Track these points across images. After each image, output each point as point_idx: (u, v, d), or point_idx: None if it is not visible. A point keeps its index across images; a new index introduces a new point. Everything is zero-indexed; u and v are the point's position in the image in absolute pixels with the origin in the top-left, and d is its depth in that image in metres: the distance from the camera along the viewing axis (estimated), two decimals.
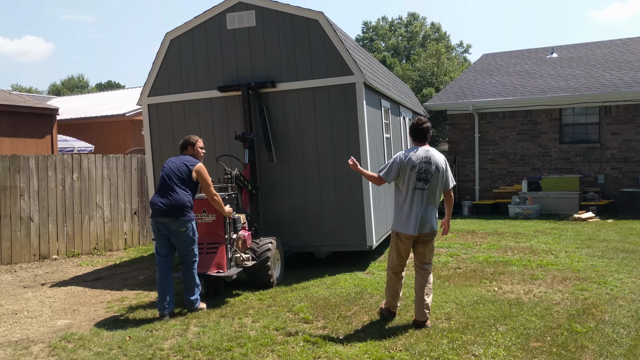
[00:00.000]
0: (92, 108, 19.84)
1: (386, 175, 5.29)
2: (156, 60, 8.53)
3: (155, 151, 8.67)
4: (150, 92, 8.59)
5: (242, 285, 7.01)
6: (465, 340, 4.80)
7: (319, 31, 7.81)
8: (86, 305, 6.69)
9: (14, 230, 9.22)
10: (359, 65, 7.79)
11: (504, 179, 15.54)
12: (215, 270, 6.29)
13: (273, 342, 4.97)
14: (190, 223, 5.89)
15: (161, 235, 5.95)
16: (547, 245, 9.41)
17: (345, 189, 7.83)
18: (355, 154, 7.68)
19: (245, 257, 6.75)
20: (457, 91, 16.76)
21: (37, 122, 14.80)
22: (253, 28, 8.08)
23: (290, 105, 8.04)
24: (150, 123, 8.66)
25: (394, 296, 5.44)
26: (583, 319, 5.32)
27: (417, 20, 48.13)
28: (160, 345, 4.97)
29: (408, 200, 5.19)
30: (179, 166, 6.00)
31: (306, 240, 8.07)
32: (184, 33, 8.38)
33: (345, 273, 7.71)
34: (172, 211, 5.80)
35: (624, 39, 18.19)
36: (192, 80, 8.39)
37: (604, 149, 14.32)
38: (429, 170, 5.18)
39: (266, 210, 8.15)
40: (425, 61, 33.38)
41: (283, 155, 8.09)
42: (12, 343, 5.27)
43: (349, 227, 7.87)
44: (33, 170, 9.49)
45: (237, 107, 8.18)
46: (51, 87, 56.42)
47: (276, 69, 8.02)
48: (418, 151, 5.26)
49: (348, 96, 7.76)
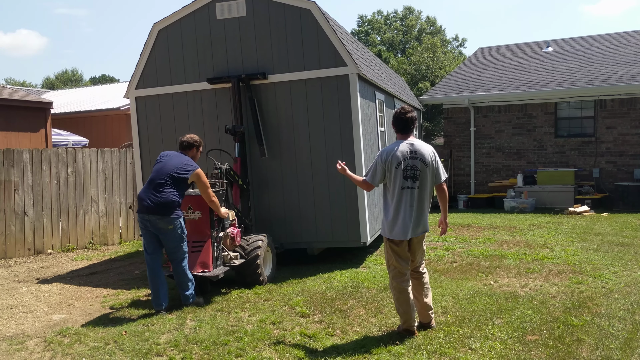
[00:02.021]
0: (87, 102, 19.71)
1: (372, 179, 4.84)
2: (144, 51, 8.31)
3: (143, 145, 8.46)
4: (137, 85, 8.39)
5: (231, 283, 6.82)
6: (462, 334, 4.81)
7: (311, 21, 7.62)
8: (82, 300, 6.67)
9: (9, 225, 9.16)
10: (353, 56, 7.62)
11: (499, 172, 15.57)
12: (200, 269, 6.09)
13: (270, 336, 4.97)
14: (178, 220, 5.76)
15: (148, 232, 5.82)
16: (542, 239, 9.44)
17: (339, 183, 7.65)
18: (349, 148, 7.57)
19: (233, 256, 6.53)
20: (452, 85, 16.75)
21: (31, 116, 14.69)
22: (243, 18, 7.87)
23: (281, 98, 7.86)
24: (138, 116, 8.45)
25: (408, 311, 4.77)
26: (579, 312, 5.34)
27: (413, 14, 47.99)
28: (157, 340, 4.96)
29: (395, 201, 4.74)
30: (178, 167, 5.83)
31: (299, 237, 7.89)
32: (172, 23, 8.17)
33: (342, 267, 7.71)
34: (159, 209, 5.67)
35: (620, 32, 18.21)
36: (180, 72, 8.19)
37: (599, 143, 14.35)
38: (415, 166, 4.70)
39: (258, 205, 8.00)
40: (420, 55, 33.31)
41: (275, 149, 7.93)
42: (7, 338, 5.24)
43: (343, 222, 7.71)
44: (27, 165, 9.43)
45: (227, 100, 8.01)
46: (45, 81, 56.06)
47: (267, 60, 7.83)
48: (401, 146, 4.74)
49: (341, 88, 7.59)
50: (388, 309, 5.61)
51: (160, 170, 5.82)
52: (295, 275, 7.27)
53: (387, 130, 10.09)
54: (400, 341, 4.68)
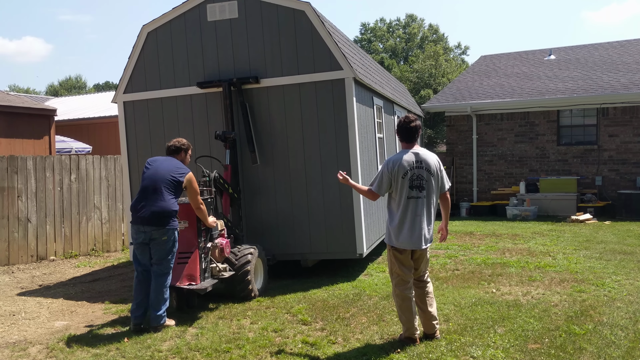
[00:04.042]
0: (90, 109, 19.81)
1: (378, 188, 4.81)
2: (132, 54, 8.04)
3: (131, 152, 8.18)
4: (126, 89, 8.12)
5: (220, 297, 6.48)
6: (464, 342, 4.81)
7: (305, 23, 7.35)
8: (84, 307, 6.68)
9: (12, 231, 9.19)
10: (349, 59, 7.34)
11: (501, 180, 15.57)
12: (187, 282, 5.74)
13: (271, 343, 4.97)
14: (173, 232, 5.48)
15: (141, 244, 5.50)
16: (544, 247, 9.42)
17: (334, 192, 7.35)
18: (345, 155, 7.31)
19: (222, 268, 6.19)
20: (455, 93, 16.78)
21: (35, 123, 14.78)
22: (235, 20, 7.60)
23: (274, 103, 7.57)
24: (126, 122, 8.16)
25: (410, 319, 4.77)
26: (581, 321, 5.33)
27: (415, 22, 48.17)
28: (159, 347, 4.96)
29: (401, 210, 4.71)
30: (171, 171, 5.55)
31: (292, 248, 7.55)
32: (162, 25, 7.90)
33: (344, 274, 7.70)
34: (158, 219, 5.39)
35: (622, 41, 18.24)
36: (170, 76, 7.92)
37: (601, 151, 14.34)
38: (421, 176, 4.71)
39: (249, 215, 7.70)
40: (423, 63, 33.42)
41: (267, 156, 7.63)
42: (9, 344, 5.25)
43: (338, 233, 7.38)
44: (31, 171, 9.47)
45: (218, 105, 7.72)
46: (49, 87, 56.32)
47: (260, 64, 7.56)
48: (407, 155, 4.75)
49: (337, 92, 7.30)
50: (390, 317, 5.60)
51: (153, 177, 5.51)
52: (296, 282, 7.27)
53: (385, 138, 9.83)
54: (401, 349, 4.68)
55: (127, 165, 8.22)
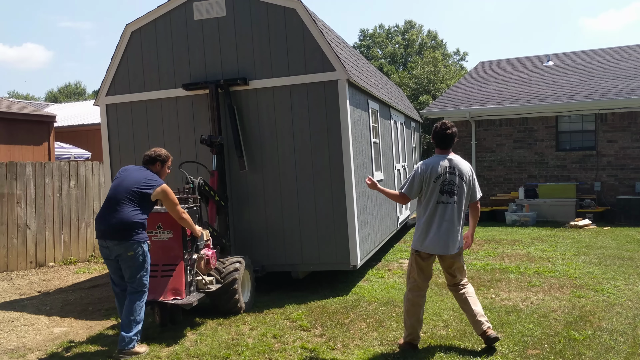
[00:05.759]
0: (89, 115, 19.82)
1: (409, 191, 4.77)
2: (115, 55, 7.66)
3: (114, 157, 7.80)
4: (108, 91, 7.74)
5: (206, 312, 6.11)
6: (463, 348, 4.81)
7: (296, 22, 7.01)
8: (83, 313, 6.67)
9: (11, 238, 9.19)
10: (342, 60, 7.01)
11: (500, 186, 15.58)
12: (172, 296, 5.32)
13: (271, 349, 4.97)
14: (139, 246, 4.97)
15: (110, 261, 5.09)
16: (544, 253, 9.43)
17: (326, 200, 7.00)
18: (338, 160, 6.96)
19: (208, 280, 5.80)
20: (453, 99, 16.82)
21: (34, 129, 14.79)
22: (223, 18, 7.26)
23: (264, 105, 7.21)
24: (109, 125, 7.78)
25: (415, 325, 4.78)
26: (580, 326, 5.33)
27: (414, 28, 48.31)
28: (158, 353, 4.96)
29: (428, 214, 4.72)
30: (138, 181, 5.10)
31: (282, 259, 7.18)
32: (146, 25, 7.54)
33: (342, 280, 7.69)
34: (117, 232, 4.92)
35: (620, 46, 18.32)
36: (155, 78, 7.54)
37: (600, 157, 14.37)
38: (453, 181, 4.72)
39: (237, 224, 7.31)
40: (422, 69, 33.50)
41: (256, 162, 7.26)
42: (8, 351, 5.25)
43: (331, 243, 7.00)
44: (30, 178, 9.48)
45: (204, 108, 7.35)
46: (48, 94, 56.37)
47: (249, 65, 7.20)
48: (441, 160, 4.77)
49: (329, 95, 6.95)
50: (389, 323, 5.61)
51: (117, 187, 5.10)
52: (295, 288, 7.25)
53: (381, 143, 9.49)
54: (401, 355, 4.68)
55: (109, 171, 7.84)
